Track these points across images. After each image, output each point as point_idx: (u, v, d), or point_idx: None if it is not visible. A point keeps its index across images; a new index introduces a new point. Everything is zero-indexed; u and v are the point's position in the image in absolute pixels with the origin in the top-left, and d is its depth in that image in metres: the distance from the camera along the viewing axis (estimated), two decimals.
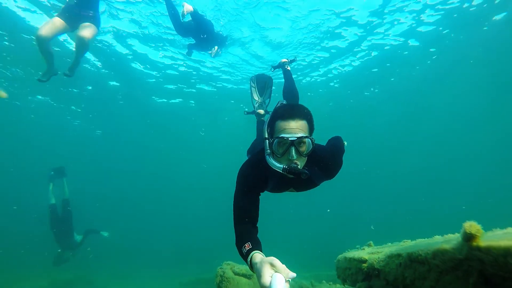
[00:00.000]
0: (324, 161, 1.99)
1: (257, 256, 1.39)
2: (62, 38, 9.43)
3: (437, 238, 2.29)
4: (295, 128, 1.64)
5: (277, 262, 1.17)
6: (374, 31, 10.17)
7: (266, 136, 1.80)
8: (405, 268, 2.15)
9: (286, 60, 4.21)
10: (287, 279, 1.12)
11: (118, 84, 13.20)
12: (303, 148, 1.68)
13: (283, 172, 1.65)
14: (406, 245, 2.58)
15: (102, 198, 26.42)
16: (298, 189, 2.12)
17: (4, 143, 18.52)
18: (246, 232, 1.62)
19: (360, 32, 10.16)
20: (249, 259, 1.42)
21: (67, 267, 8.60)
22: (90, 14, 5.03)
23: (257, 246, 1.50)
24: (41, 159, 18.77)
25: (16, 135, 17.54)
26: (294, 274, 1.14)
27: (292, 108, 1.72)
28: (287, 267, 1.19)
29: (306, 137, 1.65)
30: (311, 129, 1.75)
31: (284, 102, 1.90)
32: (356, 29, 10.00)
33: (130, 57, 11.09)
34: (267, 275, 1.13)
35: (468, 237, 1.55)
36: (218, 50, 7.05)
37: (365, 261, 2.86)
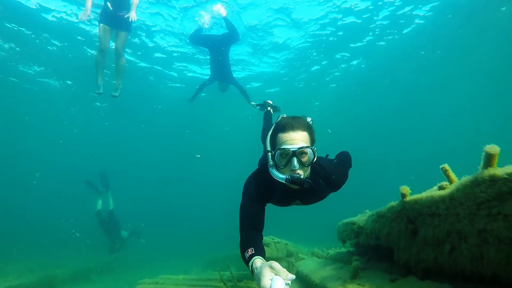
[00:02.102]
0: (329, 174, 2.01)
1: (258, 261, 1.40)
2: None
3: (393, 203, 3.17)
4: (296, 139, 1.68)
5: (276, 265, 1.20)
6: None
7: (269, 149, 1.85)
8: (375, 222, 3.08)
9: (271, 103, 4.37)
10: (287, 282, 1.14)
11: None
12: (305, 158, 1.71)
13: (286, 182, 1.69)
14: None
15: (133, 194, 28.44)
16: (304, 202, 2.14)
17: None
18: (250, 238, 1.64)
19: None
20: (250, 264, 1.44)
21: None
22: (124, 14, 5.93)
23: (259, 252, 1.51)
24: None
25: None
26: (293, 276, 1.17)
27: (292, 120, 1.76)
28: (302, 242, 1.79)
29: (307, 147, 1.68)
30: (312, 139, 1.79)
31: (284, 116, 1.97)
32: None
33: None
34: (267, 278, 1.15)
35: (402, 196, 2.46)
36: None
37: (355, 223, 3.79)
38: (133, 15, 5.92)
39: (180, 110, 16.06)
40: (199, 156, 21.19)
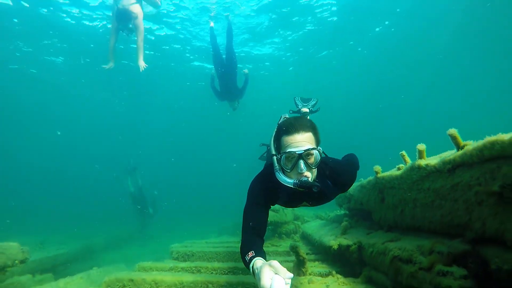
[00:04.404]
0: (337, 174, 1.96)
1: (258, 262, 1.40)
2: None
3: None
4: (301, 141, 1.63)
5: (275, 263, 1.20)
6: None
7: (274, 152, 1.79)
8: (360, 192, 3.94)
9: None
10: (287, 282, 1.15)
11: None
12: (312, 160, 1.67)
13: (295, 187, 1.63)
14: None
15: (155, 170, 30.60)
16: (311, 204, 2.08)
17: None
18: (251, 241, 1.63)
19: None
20: (251, 266, 1.43)
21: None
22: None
23: (259, 254, 1.51)
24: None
25: None
26: (291, 275, 1.18)
27: (295, 121, 1.71)
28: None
29: (313, 148, 1.64)
30: (317, 140, 1.74)
31: (287, 116, 1.94)
32: None
33: None
34: (267, 277, 1.16)
35: (375, 173, 3.29)
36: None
37: (348, 191, 4.67)
38: (141, 64, 5.93)
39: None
40: (235, 165, 22.86)
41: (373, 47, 15.49)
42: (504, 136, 1.45)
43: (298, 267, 3.18)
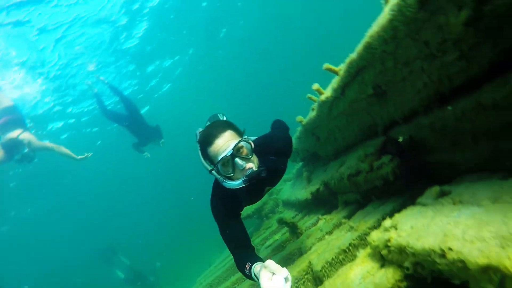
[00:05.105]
0: (274, 147, 1.99)
1: (257, 267, 1.39)
2: None
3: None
4: (225, 143, 1.60)
5: (269, 263, 1.20)
6: None
7: (209, 168, 1.71)
8: (300, 142, 4.39)
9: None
10: (287, 281, 1.16)
11: None
12: (245, 151, 1.65)
13: (245, 184, 1.62)
14: None
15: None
16: (271, 183, 2.11)
17: None
18: (242, 257, 1.62)
19: None
20: (253, 275, 1.43)
21: None
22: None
23: (255, 261, 1.50)
24: None
25: None
26: (288, 272, 1.18)
27: (210, 128, 1.70)
28: None
29: (239, 142, 1.62)
30: (238, 132, 1.74)
31: (201, 129, 1.86)
32: None
33: None
34: (266, 279, 1.17)
35: (300, 122, 3.71)
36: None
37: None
38: (82, 156, 6.53)
39: None
40: (192, 198, 21.80)
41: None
42: (353, 55, 1.87)
43: (293, 232, 3.53)
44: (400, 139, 2.13)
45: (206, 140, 1.67)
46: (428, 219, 1.34)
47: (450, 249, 1.01)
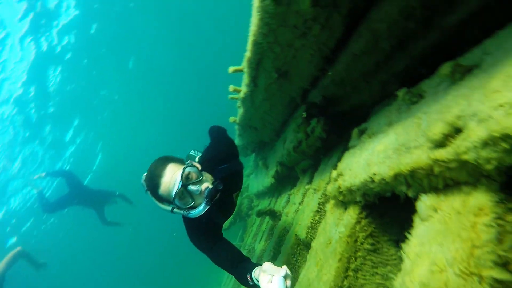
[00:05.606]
0: (220, 156, 1.95)
1: (256, 272, 1.40)
2: None
3: None
4: (171, 178, 1.57)
5: (266, 266, 1.22)
6: None
7: (169, 208, 1.66)
8: (242, 139, 4.61)
9: None
10: (285, 276, 1.18)
11: None
12: (194, 176, 1.61)
13: (209, 205, 1.60)
14: None
15: None
16: (236, 188, 2.10)
17: None
18: (240, 270, 1.60)
19: None
20: (256, 282, 1.42)
21: None
22: None
23: (253, 267, 1.50)
24: None
25: None
26: (284, 271, 1.19)
27: (152, 171, 1.64)
28: None
29: (184, 169, 1.58)
30: (179, 160, 1.70)
31: (143, 176, 1.75)
32: None
33: None
34: (266, 281, 1.18)
35: (234, 121, 3.91)
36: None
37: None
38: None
39: None
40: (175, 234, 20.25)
41: None
42: (247, 53, 2.10)
43: (273, 217, 3.78)
44: (317, 101, 2.46)
45: (152, 184, 1.62)
46: (357, 157, 1.65)
47: (374, 174, 1.30)
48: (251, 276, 1.47)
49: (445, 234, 0.90)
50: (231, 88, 2.99)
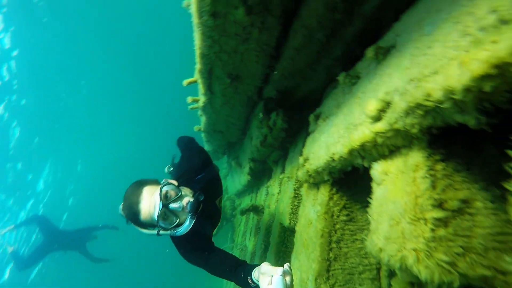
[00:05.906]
0: (193, 167, 1.94)
1: (255, 273, 1.42)
2: None
3: None
4: (150, 202, 1.55)
5: (264, 268, 1.24)
6: None
7: (154, 232, 1.65)
8: (210, 144, 4.67)
9: None
10: (287, 274, 1.19)
11: None
12: (173, 193, 1.60)
13: (194, 218, 1.60)
14: None
15: None
16: (217, 194, 2.09)
17: None
18: (239, 275, 1.58)
19: None
20: (256, 282, 1.43)
21: None
22: None
23: (252, 269, 1.49)
24: None
25: None
26: (282, 270, 1.20)
27: (128, 199, 1.60)
28: None
29: (161, 190, 1.55)
30: (154, 181, 1.67)
31: (120, 206, 1.71)
32: None
33: None
34: (266, 283, 1.19)
35: (199, 129, 3.96)
36: None
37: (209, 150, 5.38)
38: None
39: None
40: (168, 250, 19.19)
41: None
42: (197, 65, 2.18)
43: (257, 212, 3.91)
44: (273, 96, 2.60)
45: (132, 212, 1.58)
46: (317, 141, 1.81)
47: (333, 153, 1.46)
48: (251, 279, 1.46)
49: (396, 192, 1.08)
50: (189, 99, 3.04)
